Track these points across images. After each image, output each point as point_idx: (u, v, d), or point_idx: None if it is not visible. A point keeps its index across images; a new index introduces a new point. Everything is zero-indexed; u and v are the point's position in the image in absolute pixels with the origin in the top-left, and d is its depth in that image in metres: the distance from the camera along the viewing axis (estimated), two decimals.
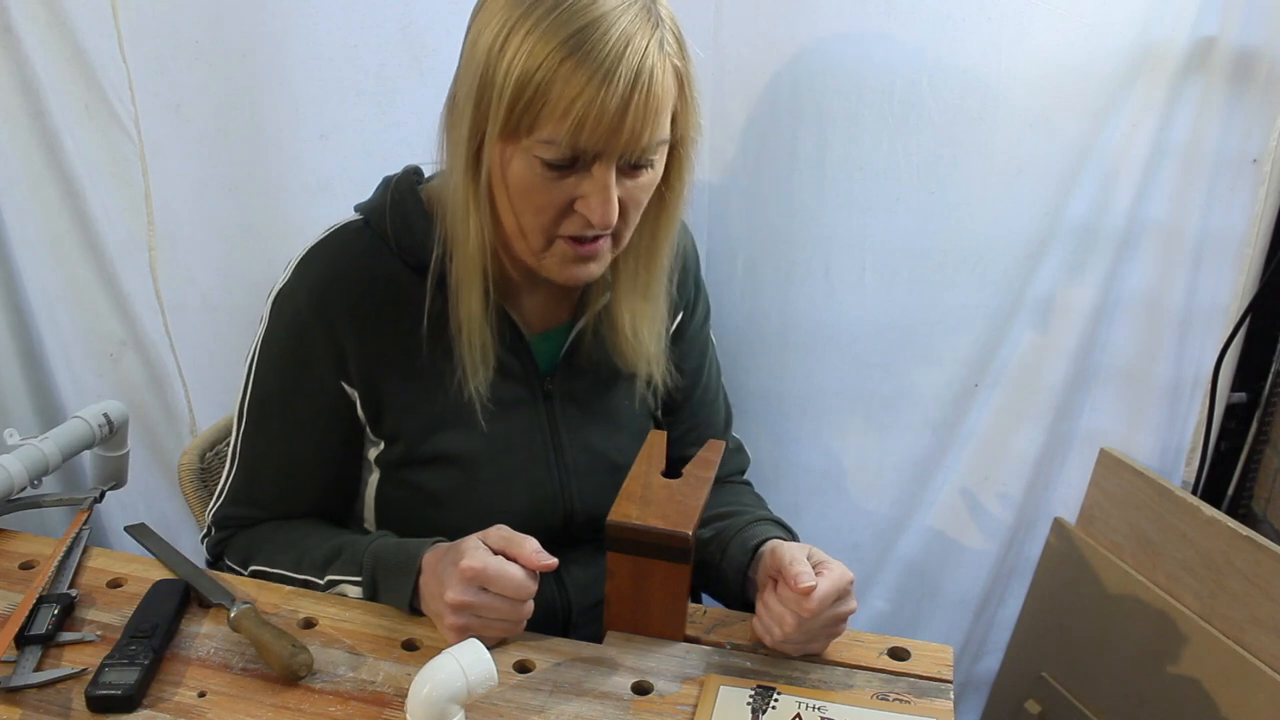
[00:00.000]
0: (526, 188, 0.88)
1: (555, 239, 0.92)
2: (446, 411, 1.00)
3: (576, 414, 1.07)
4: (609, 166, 0.86)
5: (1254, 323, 1.36)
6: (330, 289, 0.98)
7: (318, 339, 0.98)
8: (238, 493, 1.07)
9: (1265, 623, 1.26)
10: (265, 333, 1.01)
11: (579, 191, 0.88)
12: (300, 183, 1.36)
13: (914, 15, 1.26)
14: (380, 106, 1.35)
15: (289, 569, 1.01)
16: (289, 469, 1.05)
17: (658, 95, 0.84)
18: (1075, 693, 1.53)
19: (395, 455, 1.03)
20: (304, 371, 1.00)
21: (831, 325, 1.45)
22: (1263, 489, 1.44)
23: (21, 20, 1.23)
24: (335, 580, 0.99)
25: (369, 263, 0.99)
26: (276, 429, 1.03)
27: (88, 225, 1.36)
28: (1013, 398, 1.48)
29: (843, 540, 1.58)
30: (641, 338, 1.03)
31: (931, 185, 1.35)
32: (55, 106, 1.29)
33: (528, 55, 0.82)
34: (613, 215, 0.88)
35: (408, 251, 0.98)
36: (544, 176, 0.87)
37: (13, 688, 0.86)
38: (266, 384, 1.02)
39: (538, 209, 0.89)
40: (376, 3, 1.30)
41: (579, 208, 0.89)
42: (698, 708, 0.87)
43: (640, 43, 0.82)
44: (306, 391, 1.01)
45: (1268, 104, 1.26)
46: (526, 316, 1.04)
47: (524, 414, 1.05)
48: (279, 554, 1.03)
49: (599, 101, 0.81)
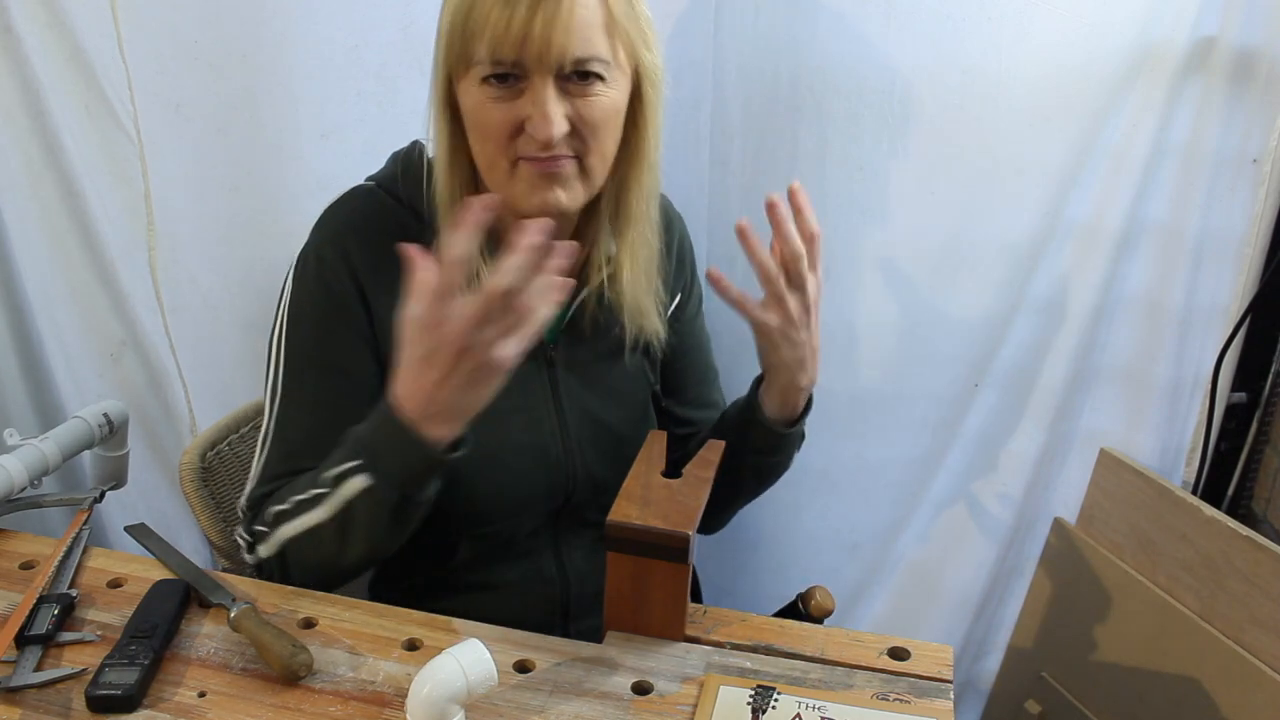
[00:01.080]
0: (480, 117, 0.92)
1: (517, 161, 0.94)
2: None
3: (578, 383, 1.09)
4: (546, 80, 0.90)
5: (1254, 323, 1.36)
6: (348, 237, 1.00)
7: (344, 280, 0.99)
8: (271, 468, 1.02)
9: (1265, 623, 1.26)
10: (291, 298, 1.01)
11: (523, 112, 0.91)
12: (301, 183, 1.36)
13: (914, 15, 1.26)
14: (381, 106, 1.35)
15: (300, 493, 0.96)
16: (326, 423, 0.99)
17: (567, 8, 0.88)
18: (1075, 693, 1.53)
19: None
20: (338, 315, 1.00)
21: (832, 325, 1.44)
22: (1263, 489, 1.44)
23: (21, 20, 1.23)
24: (337, 475, 0.92)
25: (383, 217, 1.02)
26: (315, 382, 1.01)
27: (88, 225, 1.36)
28: (1013, 398, 1.48)
29: (843, 540, 1.58)
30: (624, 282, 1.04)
31: (931, 185, 1.35)
32: (55, 106, 1.29)
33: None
34: (552, 127, 0.90)
35: (420, 210, 1.01)
36: (491, 99, 0.91)
37: (13, 688, 0.86)
38: (303, 343, 1.01)
39: (493, 135, 0.92)
40: (378, 3, 1.31)
41: (526, 128, 0.92)
42: (698, 708, 0.87)
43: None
44: (344, 334, 1.00)
45: (1268, 104, 1.26)
46: None
47: (527, 379, 1.06)
48: (292, 489, 0.98)
49: (506, 17, 0.87)
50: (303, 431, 1.01)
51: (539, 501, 0.91)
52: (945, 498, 1.55)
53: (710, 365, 1.27)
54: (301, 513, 0.95)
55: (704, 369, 1.25)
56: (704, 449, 1.05)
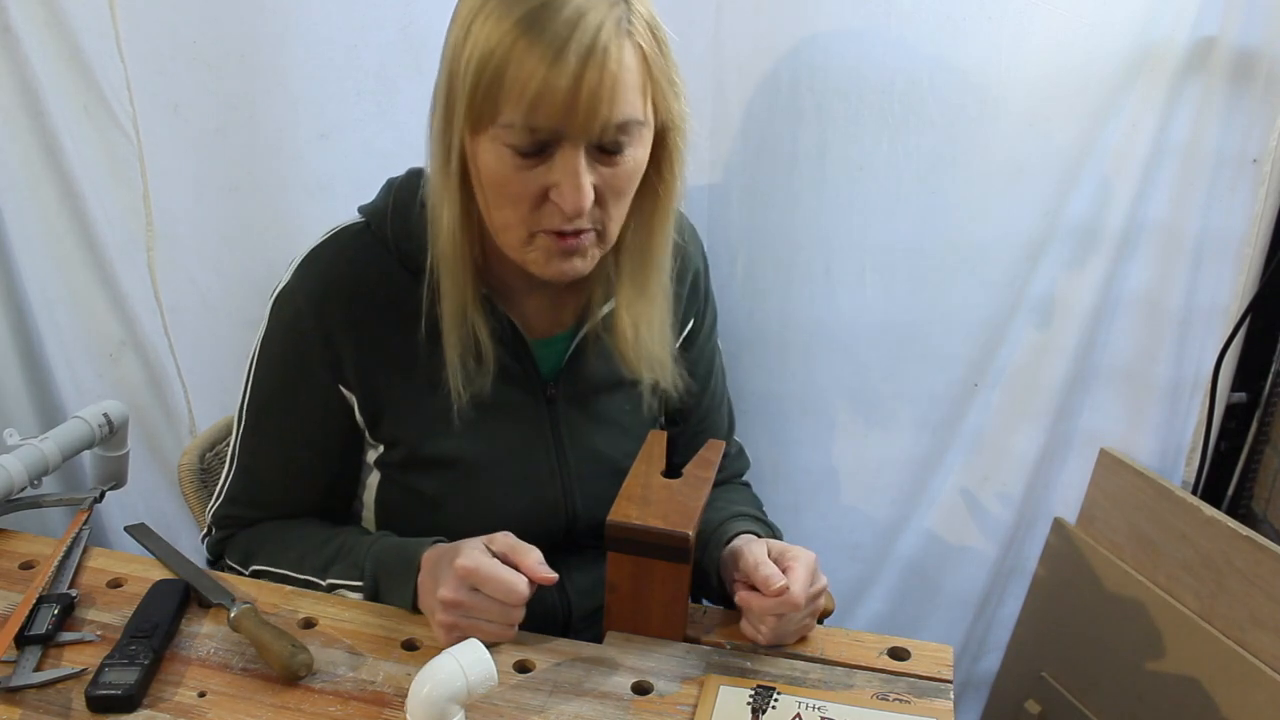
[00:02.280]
0: (499, 179, 0.86)
1: (536, 233, 0.89)
2: (448, 416, 0.99)
3: (580, 420, 1.06)
4: (576, 150, 0.84)
5: (1254, 323, 1.36)
6: (329, 292, 0.97)
7: (315, 342, 0.98)
8: (237, 493, 1.07)
9: (1265, 623, 1.26)
10: (264, 334, 1.01)
11: (550, 180, 0.85)
12: (300, 183, 1.36)
13: (914, 15, 1.26)
14: (380, 106, 1.35)
15: (291, 569, 1.02)
16: (287, 470, 1.05)
17: (614, 73, 0.81)
18: (1075, 693, 1.53)
19: (396, 458, 1.03)
20: (301, 374, 1.00)
21: (831, 325, 1.45)
22: (1263, 489, 1.44)
23: (20, 20, 1.23)
24: (336, 585, 0.99)
25: (368, 266, 0.98)
26: (274, 431, 1.04)
27: (87, 226, 1.36)
28: (1012, 398, 1.48)
29: (843, 540, 1.58)
30: (642, 339, 1.01)
31: (931, 185, 1.35)
32: (54, 107, 1.28)
33: (485, 39, 0.81)
34: (584, 201, 0.85)
35: (407, 255, 0.97)
36: (514, 165, 0.85)
37: (13, 688, 0.86)
38: (265, 386, 1.02)
39: (512, 200, 0.87)
40: (376, 3, 1.30)
41: (552, 197, 0.86)
42: (698, 708, 0.87)
43: (594, 19, 0.80)
44: (304, 394, 1.01)
45: (1268, 104, 1.26)
46: (528, 320, 1.03)
47: (526, 419, 1.04)
48: (280, 554, 1.03)
49: (550, 79, 0.79)
50: (262, 466, 1.06)
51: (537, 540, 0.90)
52: (945, 498, 1.55)
53: (717, 392, 1.21)
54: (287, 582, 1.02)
55: (713, 395, 1.20)
56: (704, 449, 1.05)
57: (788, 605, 0.90)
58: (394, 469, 1.04)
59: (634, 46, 0.83)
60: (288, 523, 1.06)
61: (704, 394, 1.18)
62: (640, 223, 0.96)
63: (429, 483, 1.03)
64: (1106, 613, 1.47)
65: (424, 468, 1.02)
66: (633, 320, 1.00)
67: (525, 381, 1.03)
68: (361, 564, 0.98)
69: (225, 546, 1.08)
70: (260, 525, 1.07)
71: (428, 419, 1.00)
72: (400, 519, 1.05)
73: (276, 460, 1.05)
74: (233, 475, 1.06)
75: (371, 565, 0.97)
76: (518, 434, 1.04)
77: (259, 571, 1.04)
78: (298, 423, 1.02)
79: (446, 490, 1.03)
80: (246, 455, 1.05)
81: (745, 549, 0.95)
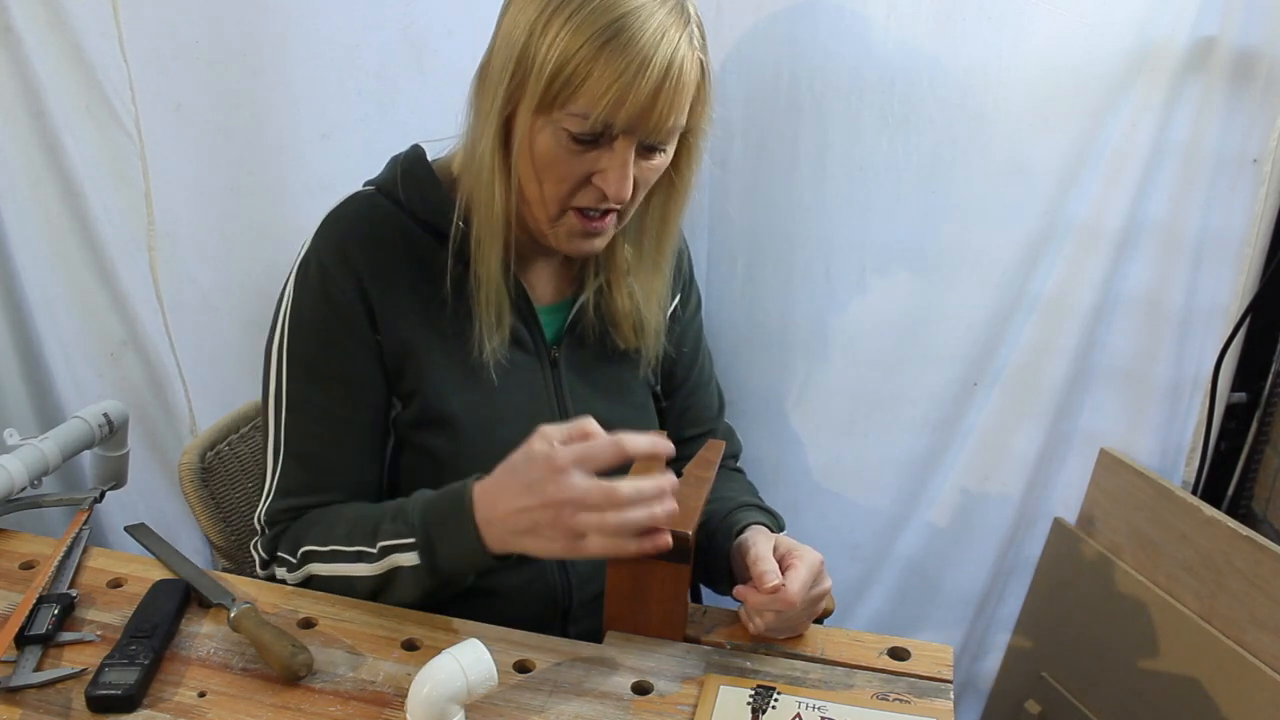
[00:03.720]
0: (551, 158, 0.94)
1: (568, 210, 0.97)
2: (462, 373, 1.03)
3: (581, 384, 1.10)
4: (630, 145, 0.93)
5: (1254, 323, 1.36)
6: (351, 244, 1.00)
7: (348, 293, 0.99)
8: (290, 484, 1.03)
9: (1265, 623, 1.26)
10: (292, 305, 1.01)
11: (598, 166, 0.94)
12: (301, 182, 1.36)
13: (914, 15, 1.26)
14: (381, 106, 1.35)
15: (340, 544, 0.98)
16: (345, 440, 1.02)
17: (685, 85, 0.91)
18: (1075, 693, 1.53)
19: (409, 416, 1.03)
20: (341, 325, 1.00)
21: (831, 325, 1.45)
22: (1263, 489, 1.44)
23: (22, 20, 1.23)
24: (388, 547, 0.94)
25: (384, 223, 1.02)
26: (323, 402, 1.01)
27: (88, 225, 1.36)
28: (1012, 397, 1.48)
29: (843, 540, 1.58)
30: (652, 310, 1.10)
31: (931, 185, 1.35)
32: (56, 107, 1.29)
33: (570, 36, 0.88)
34: (627, 191, 0.94)
35: (421, 215, 1.02)
36: (568, 149, 0.93)
37: (13, 688, 0.86)
38: (305, 353, 1.01)
39: (559, 178, 0.95)
40: (377, 3, 1.31)
41: (596, 181, 0.95)
42: (698, 708, 0.87)
43: (674, 35, 0.89)
44: (349, 350, 1.00)
45: (1268, 104, 1.26)
46: (536, 287, 1.08)
47: (532, 381, 1.07)
48: (329, 533, 0.99)
49: (635, 86, 0.88)
50: (315, 445, 1.03)
51: None
52: (945, 497, 1.55)
53: (705, 369, 1.26)
54: (338, 560, 0.98)
55: (701, 371, 1.25)
56: (704, 449, 1.05)
57: (781, 603, 0.92)
58: (407, 428, 1.04)
59: (697, 62, 0.93)
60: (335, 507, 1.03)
61: (693, 368, 1.24)
62: (658, 210, 1.06)
63: (438, 441, 1.03)
64: (1106, 613, 1.47)
65: (434, 426, 1.03)
66: (645, 294, 1.09)
67: (531, 345, 1.07)
68: (411, 519, 0.94)
69: (278, 541, 1.03)
70: (308, 513, 1.03)
71: (443, 374, 1.02)
72: (408, 482, 1.05)
73: (328, 426, 1.02)
74: (281, 469, 1.03)
75: (420, 517, 0.93)
76: (524, 395, 1.06)
77: (310, 553, 0.99)
78: (348, 383, 1.01)
79: (455, 449, 1.03)
80: (295, 441, 1.02)
81: (751, 543, 0.99)
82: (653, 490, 0.85)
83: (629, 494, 0.84)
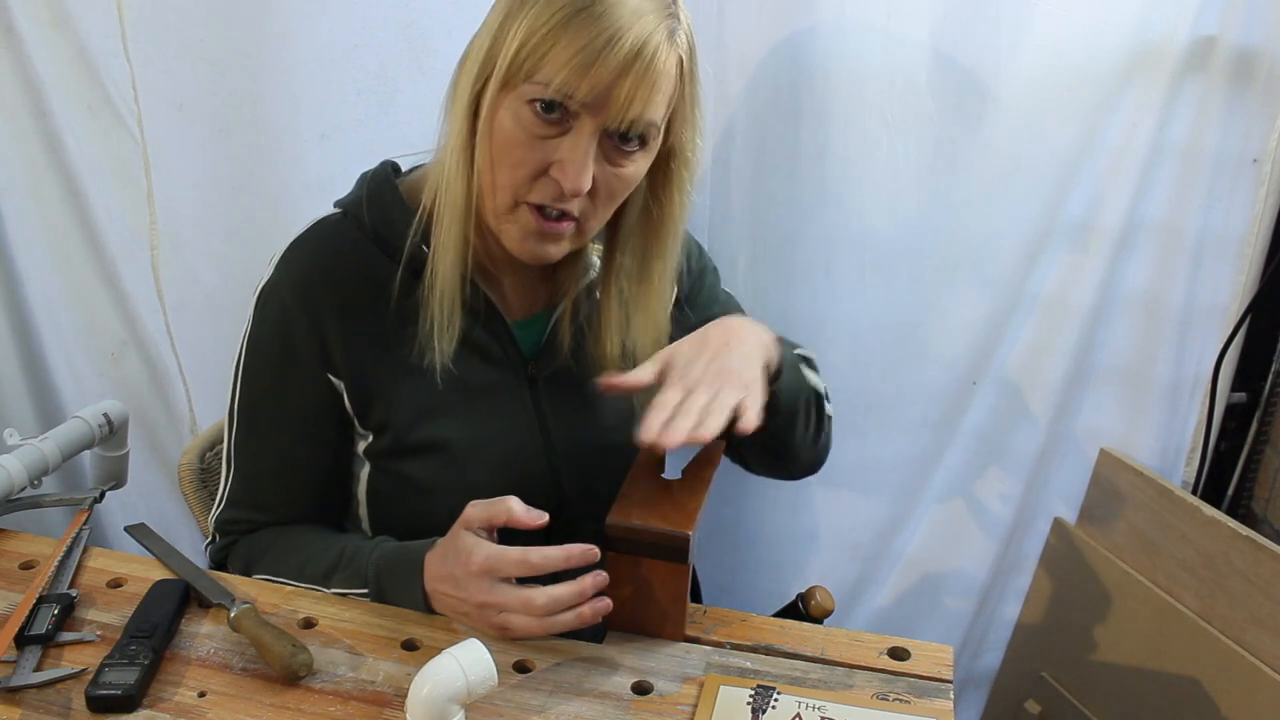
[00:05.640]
0: (509, 140, 0.89)
1: (522, 204, 0.93)
2: (432, 399, 1.01)
3: (561, 398, 1.07)
4: (592, 132, 0.88)
5: (1254, 323, 1.36)
6: (312, 281, 0.99)
7: (303, 331, 0.99)
8: (236, 497, 1.06)
9: (1265, 623, 1.26)
10: (250, 331, 1.02)
11: (556, 156, 0.89)
12: (302, 182, 1.36)
13: (914, 15, 1.26)
14: (382, 106, 1.35)
15: (292, 577, 1.01)
16: (285, 467, 1.05)
17: (656, 71, 0.86)
18: (1075, 693, 1.53)
19: (383, 446, 1.03)
20: (292, 365, 1.00)
21: (832, 324, 1.45)
22: (1263, 489, 1.44)
23: (24, 20, 1.23)
24: (341, 593, 0.99)
25: (348, 254, 1.00)
26: (268, 427, 1.03)
27: (90, 224, 1.36)
28: (1012, 396, 1.48)
29: (843, 539, 1.58)
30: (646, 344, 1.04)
31: (931, 185, 1.35)
32: (58, 106, 1.29)
33: (541, 8, 0.85)
34: (584, 181, 0.89)
35: (385, 241, 0.99)
36: (528, 130, 0.88)
37: (13, 688, 0.86)
38: (255, 382, 1.03)
39: (515, 163, 0.90)
40: (378, 3, 1.31)
41: (553, 173, 0.90)
42: (698, 708, 0.87)
43: (651, 20, 0.86)
44: (296, 386, 1.01)
45: (1268, 104, 1.26)
46: (506, 300, 1.05)
47: (509, 399, 1.05)
48: (281, 562, 1.03)
49: (601, 56, 0.84)
50: (257, 466, 1.06)
51: None
52: (945, 496, 1.55)
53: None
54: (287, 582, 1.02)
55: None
56: (703, 448, 1.05)
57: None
58: (383, 457, 1.04)
59: (675, 58, 0.89)
60: (288, 529, 1.06)
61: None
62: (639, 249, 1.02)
63: (417, 468, 1.03)
64: (1106, 613, 1.47)
65: (411, 453, 1.03)
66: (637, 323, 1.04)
67: (506, 362, 1.04)
68: (364, 572, 0.98)
69: (228, 554, 1.08)
70: (261, 532, 1.07)
71: (413, 403, 1.01)
72: (391, 508, 1.06)
73: (273, 459, 1.05)
74: (231, 479, 1.06)
75: (374, 571, 0.97)
76: (502, 415, 1.05)
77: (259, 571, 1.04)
78: (292, 417, 1.03)
79: (435, 475, 1.03)
80: (243, 457, 1.05)
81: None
82: (571, 597, 0.88)
83: (544, 604, 0.88)
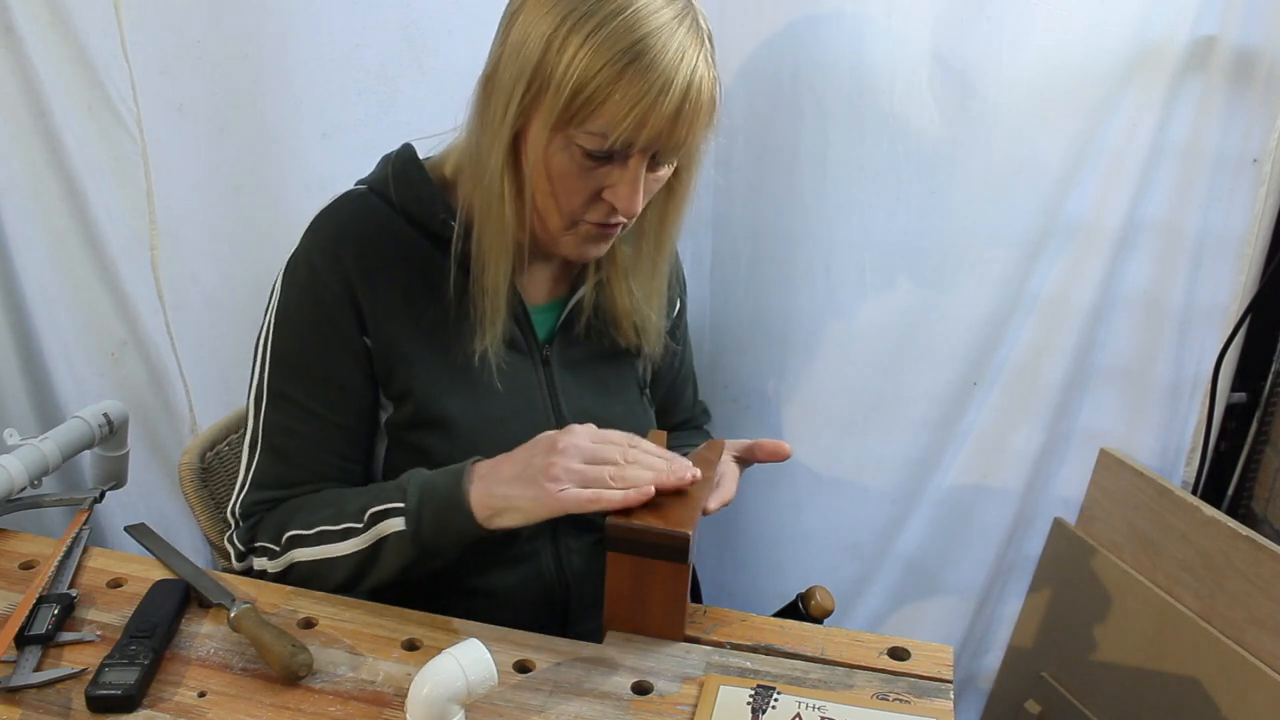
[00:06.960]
0: (564, 173, 0.94)
1: (580, 222, 0.98)
2: (454, 374, 1.03)
3: (574, 382, 1.10)
4: (643, 161, 0.93)
5: (1254, 323, 1.36)
6: (342, 245, 1.00)
7: (337, 293, 0.99)
8: (266, 478, 1.04)
9: (1265, 623, 1.26)
10: (280, 303, 1.02)
11: (608, 181, 0.94)
12: (302, 182, 1.36)
13: (914, 15, 1.26)
14: (382, 106, 1.36)
15: (327, 524, 0.99)
16: (322, 440, 1.03)
17: (703, 104, 0.92)
18: (1075, 693, 1.53)
19: (403, 417, 1.03)
20: (327, 326, 1.00)
21: (832, 324, 1.45)
22: (1263, 489, 1.44)
23: (23, 20, 1.23)
24: (377, 513, 0.96)
25: (377, 223, 1.02)
26: (303, 393, 1.02)
27: (89, 225, 1.36)
28: (1011, 396, 1.48)
29: (843, 539, 1.58)
30: (654, 310, 1.11)
31: (931, 185, 1.35)
32: (57, 106, 1.29)
33: (592, 55, 0.87)
34: (637, 206, 0.95)
35: (414, 215, 1.02)
36: (582, 165, 0.93)
37: (13, 688, 0.86)
38: (288, 352, 1.02)
39: (570, 193, 0.95)
40: (378, 3, 1.31)
41: (606, 196, 0.95)
42: (698, 708, 0.87)
43: (693, 55, 0.90)
44: (333, 351, 1.01)
45: (1268, 104, 1.26)
46: (527, 288, 1.08)
47: (525, 379, 1.07)
48: (314, 514, 1.00)
49: (656, 107, 0.88)
50: (292, 440, 1.03)
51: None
52: (944, 497, 1.55)
53: (688, 363, 1.31)
54: (324, 542, 0.98)
55: (686, 365, 1.30)
56: (704, 448, 1.05)
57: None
58: (401, 429, 1.04)
59: (713, 80, 0.93)
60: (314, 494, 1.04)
61: (681, 366, 1.28)
62: (656, 214, 1.06)
63: (432, 441, 1.03)
64: (1106, 613, 1.47)
65: (428, 427, 1.03)
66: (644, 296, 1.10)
67: (524, 345, 1.07)
68: (405, 485, 0.95)
69: (256, 532, 1.04)
70: (286, 502, 1.04)
71: (435, 375, 1.02)
72: None
73: (306, 425, 1.03)
74: (258, 461, 1.04)
75: (415, 485, 0.95)
76: (517, 394, 1.06)
77: (295, 538, 1.00)
78: (329, 384, 1.02)
79: (449, 449, 1.02)
80: (274, 435, 1.03)
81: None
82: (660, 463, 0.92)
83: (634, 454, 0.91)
